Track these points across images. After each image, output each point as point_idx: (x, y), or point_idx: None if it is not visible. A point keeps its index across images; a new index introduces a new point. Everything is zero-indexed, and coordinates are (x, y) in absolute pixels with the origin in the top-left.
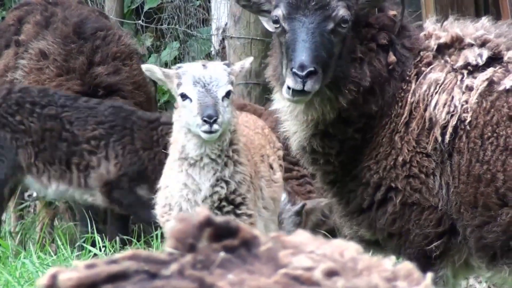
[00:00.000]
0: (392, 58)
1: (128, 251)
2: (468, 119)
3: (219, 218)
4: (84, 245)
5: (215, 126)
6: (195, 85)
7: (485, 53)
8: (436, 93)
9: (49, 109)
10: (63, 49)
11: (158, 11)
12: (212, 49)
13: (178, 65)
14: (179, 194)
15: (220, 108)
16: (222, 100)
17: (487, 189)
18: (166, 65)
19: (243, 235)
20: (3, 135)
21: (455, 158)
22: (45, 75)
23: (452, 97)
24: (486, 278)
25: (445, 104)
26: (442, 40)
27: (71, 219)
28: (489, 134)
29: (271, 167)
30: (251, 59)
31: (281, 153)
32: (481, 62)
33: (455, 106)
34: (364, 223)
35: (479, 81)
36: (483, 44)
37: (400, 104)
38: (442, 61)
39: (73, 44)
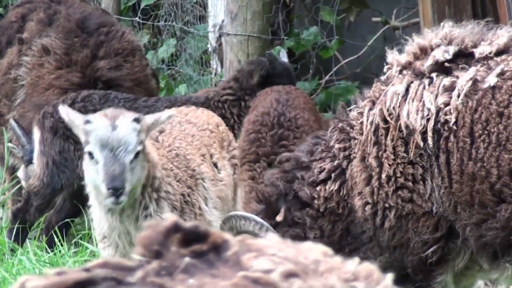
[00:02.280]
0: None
1: (100, 259)
2: (453, 119)
3: (188, 224)
4: (81, 241)
5: (122, 198)
6: (102, 148)
7: (452, 49)
8: (403, 102)
9: None
10: (64, 43)
11: (155, 8)
12: (209, 46)
13: (86, 117)
14: (110, 235)
15: (128, 175)
16: (131, 163)
17: (482, 186)
18: (163, 61)
19: (213, 239)
20: (67, 147)
21: (443, 159)
22: (45, 69)
23: (423, 102)
24: (494, 280)
25: (417, 110)
26: (404, 61)
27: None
28: (480, 132)
29: (215, 165)
30: (172, 112)
31: (236, 152)
32: (448, 57)
33: (429, 110)
34: (375, 249)
35: (463, 81)
36: (450, 42)
37: (356, 141)
38: (400, 75)
39: (75, 38)
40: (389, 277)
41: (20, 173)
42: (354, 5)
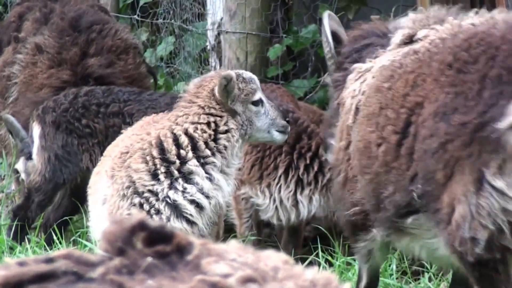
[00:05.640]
0: None
1: (64, 250)
2: (363, 100)
3: (154, 223)
4: (79, 239)
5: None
6: (260, 90)
7: (399, 33)
8: (354, 80)
9: (112, 107)
10: (58, 42)
11: (154, 6)
12: (207, 43)
13: (230, 75)
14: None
15: None
16: None
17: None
18: (161, 59)
19: (178, 241)
20: (70, 141)
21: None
22: (38, 68)
23: (356, 84)
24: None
25: (351, 91)
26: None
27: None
28: (366, 109)
29: None
30: None
31: None
32: (397, 41)
33: (354, 90)
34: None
35: (377, 64)
36: (401, 27)
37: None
38: (381, 50)
39: (68, 37)
40: (348, 286)
41: (19, 166)
42: (353, 2)
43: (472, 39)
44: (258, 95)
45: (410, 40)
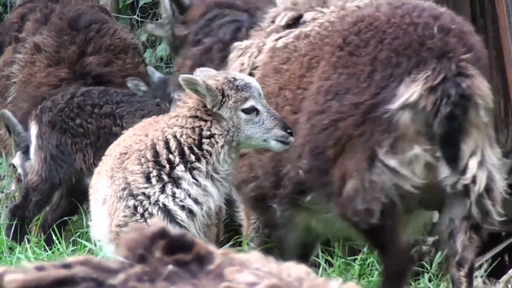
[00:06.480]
0: None
1: (82, 256)
2: (258, 75)
3: (175, 231)
4: (79, 239)
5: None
6: (260, 98)
7: (285, 14)
8: (237, 57)
9: (105, 108)
10: (56, 41)
11: (154, 6)
12: None
13: (228, 76)
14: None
15: None
16: None
17: None
18: (161, 60)
19: (198, 250)
20: (64, 140)
21: None
22: (37, 67)
23: (242, 59)
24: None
25: (237, 66)
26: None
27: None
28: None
29: None
30: None
31: None
32: (282, 23)
33: (242, 64)
34: None
35: (270, 42)
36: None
37: None
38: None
39: (66, 36)
40: None
41: (16, 160)
42: None
43: (361, 23)
44: (250, 103)
45: (295, 22)
